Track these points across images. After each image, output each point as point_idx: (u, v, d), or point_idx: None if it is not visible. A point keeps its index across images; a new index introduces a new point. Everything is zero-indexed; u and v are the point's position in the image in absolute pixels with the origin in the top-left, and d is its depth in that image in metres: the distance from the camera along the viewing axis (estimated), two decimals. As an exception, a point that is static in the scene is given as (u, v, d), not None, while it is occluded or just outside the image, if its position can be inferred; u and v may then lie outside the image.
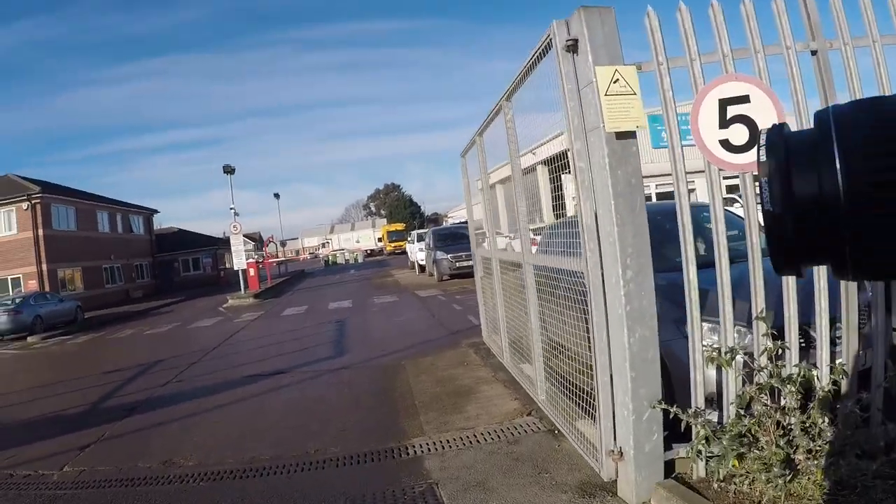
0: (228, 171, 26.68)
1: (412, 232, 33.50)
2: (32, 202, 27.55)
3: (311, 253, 74.98)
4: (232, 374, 8.43)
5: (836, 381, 3.04)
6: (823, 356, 3.21)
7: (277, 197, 52.58)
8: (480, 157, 6.38)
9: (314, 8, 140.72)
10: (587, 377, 3.66)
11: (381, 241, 63.40)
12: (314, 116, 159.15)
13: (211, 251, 43.29)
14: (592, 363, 3.47)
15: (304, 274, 40.80)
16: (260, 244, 50.16)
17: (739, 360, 3.16)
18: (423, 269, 23.96)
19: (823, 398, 3.00)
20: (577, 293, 3.62)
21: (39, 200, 27.78)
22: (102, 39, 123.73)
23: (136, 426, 6.21)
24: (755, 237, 3.22)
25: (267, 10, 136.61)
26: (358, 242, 68.24)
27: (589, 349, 3.53)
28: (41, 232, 27.67)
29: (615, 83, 3.04)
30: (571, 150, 3.29)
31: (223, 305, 21.93)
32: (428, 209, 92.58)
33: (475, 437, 4.59)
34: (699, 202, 6.09)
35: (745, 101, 3.04)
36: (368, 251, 63.04)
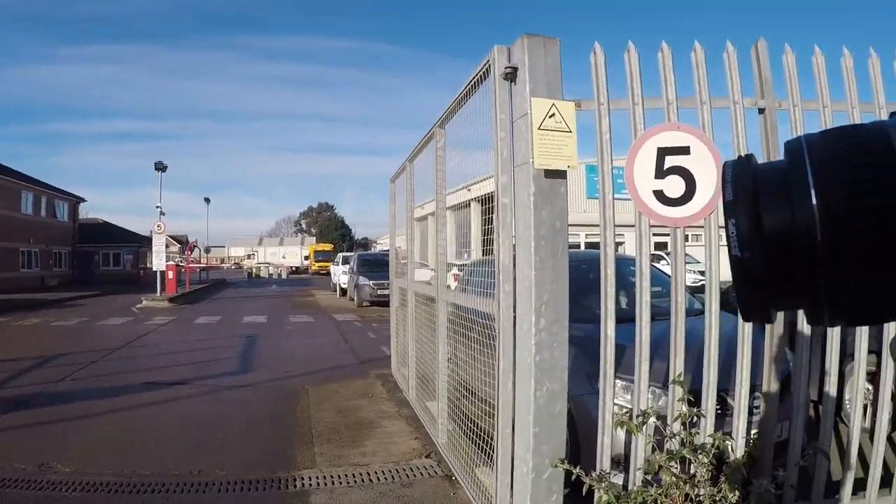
0: (160, 168, 25.80)
1: (339, 254, 32.91)
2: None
3: (235, 263, 72.65)
4: (131, 378, 8.06)
5: (751, 453, 2.91)
6: (740, 427, 3.08)
7: (208, 202, 52.46)
8: (409, 183, 6.12)
9: (263, 17, 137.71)
10: (494, 421, 3.41)
11: (307, 259, 62.21)
12: (255, 126, 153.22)
13: (133, 248, 41.19)
14: (495, 413, 3.22)
15: (225, 283, 39.45)
16: (185, 247, 48.76)
17: (651, 423, 2.99)
18: (344, 292, 23.48)
19: (736, 470, 2.86)
20: (488, 337, 3.37)
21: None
22: (44, 14, 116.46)
23: (19, 422, 5.77)
24: (680, 296, 3.06)
25: (216, 11, 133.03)
26: (284, 258, 66.65)
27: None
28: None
29: (551, 118, 2.84)
30: (497, 183, 3.07)
31: (137, 305, 20.96)
32: (359, 233, 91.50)
33: (368, 475, 4.37)
34: (626, 255, 6.08)
35: (685, 152, 2.89)
36: (294, 268, 61.86)
